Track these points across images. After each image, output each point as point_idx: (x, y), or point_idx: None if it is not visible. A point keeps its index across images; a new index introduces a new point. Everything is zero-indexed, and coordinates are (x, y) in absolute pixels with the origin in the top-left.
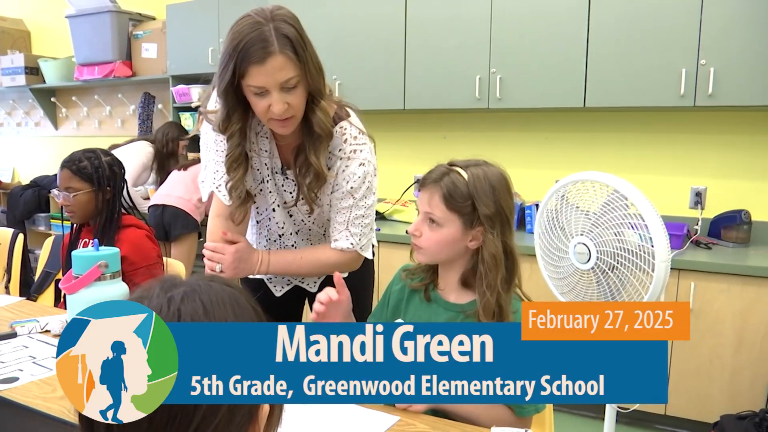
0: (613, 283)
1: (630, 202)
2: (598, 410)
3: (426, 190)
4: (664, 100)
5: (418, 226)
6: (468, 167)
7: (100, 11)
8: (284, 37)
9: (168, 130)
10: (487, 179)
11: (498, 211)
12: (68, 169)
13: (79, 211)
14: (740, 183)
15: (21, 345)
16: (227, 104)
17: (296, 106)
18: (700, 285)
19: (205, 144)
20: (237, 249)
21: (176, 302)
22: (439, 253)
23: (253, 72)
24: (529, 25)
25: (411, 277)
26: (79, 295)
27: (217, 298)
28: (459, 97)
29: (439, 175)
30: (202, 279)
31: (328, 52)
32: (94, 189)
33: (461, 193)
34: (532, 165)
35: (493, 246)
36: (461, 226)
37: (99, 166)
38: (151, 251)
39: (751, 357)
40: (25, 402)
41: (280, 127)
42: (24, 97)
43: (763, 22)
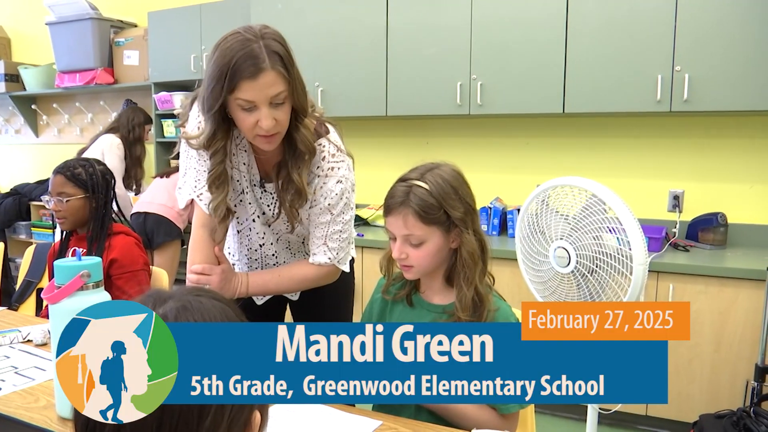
0: (593, 287)
1: (608, 206)
2: (580, 411)
3: (396, 214)
4: (641, 105)
5: (401, 249)
6: (424, 176)
7: (81, 18)
8: (275, 53)
9: (133, 115)
10: (447, 182)
11: (466, 209)
12: (62, 175)
13: (70, 217)
14: (717, 186)
15: (2, 355)
16: (213, 121)
17: (283, 122)
18: (679, 287)
19: (186, 151)
20: (223, 270)
21: (170, 321)
22: (430, 265)
23: (244, 87)
24: (508, 33)
25: (389, 290)
26: (62, 305)
27: (209, 315)
28: (440, 103)
29: (402, 195)
30: (191, 293)
31: (310, 59)
32: (87, 195)
33: (432, 206)
34: (513, 170)
35: (470, 244)
36: (441, 234)
37: (93, 174)
38: (138, 258)
39: (729, 357)
40: (7, 412)
41: (265, 143)
42: (4, 105)
43: (736, 29)
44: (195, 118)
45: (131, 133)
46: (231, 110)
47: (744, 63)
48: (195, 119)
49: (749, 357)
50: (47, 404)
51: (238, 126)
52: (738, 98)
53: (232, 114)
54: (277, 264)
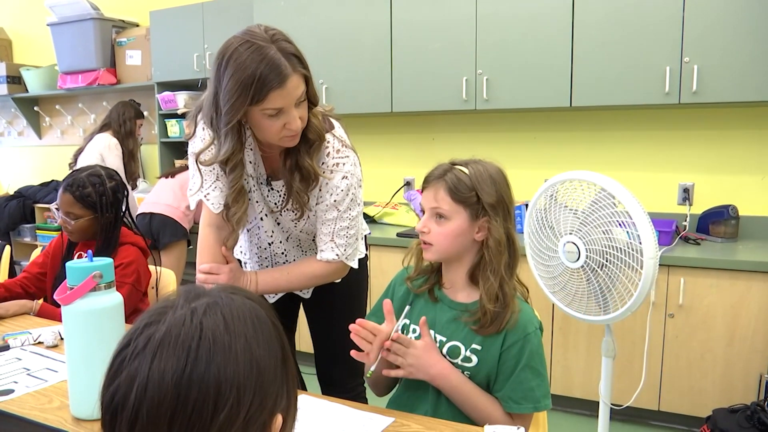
0: (603, 281)
1: (617, 200)
2: (592, 407)
3: (430, 187)
4: (650, 98)
5: (426, 223)
6: (468, 164)
7: (83, 19)
8: (292, 56)
9: (124, 110)
10: (487, 172)
11: (500, 200)
12: (71, 194)
13: (77, 233)
14: (727, 178)
15: (14, 357)
16: (233, 137)
17: (305, 117)
18: (690, 281)
19: (194, 156)
20: (231, 269)
21: (199, 315)
22: (450, 247)
23: (273, 97)
24: (514, 27)
25: (413, 283)
26: (74, 306)
27: (238, 312)
28: (446, 98)
29: (441, 172)
30: (224, 291)
31: (314, 56)
32: (96, 216)
33: (465, 186)
34: (521, 165)
35: (498, 232)
36: (468, 217)
37: (103, 193)
38: (132, 273)
39: (742, 351)
40: (22, 413)
41: (291, 141)
42: (6, 107)
43: (744, 18)
44: (201, 130)
45: (122, 127)
46: (252, 119)
47: (753, 53)
48: (200, 130)
49: (763, 350)
50: (61, 405)
51: (262, 132)
52: (747, 89)
53: (253, 123)
54: (287, 262)
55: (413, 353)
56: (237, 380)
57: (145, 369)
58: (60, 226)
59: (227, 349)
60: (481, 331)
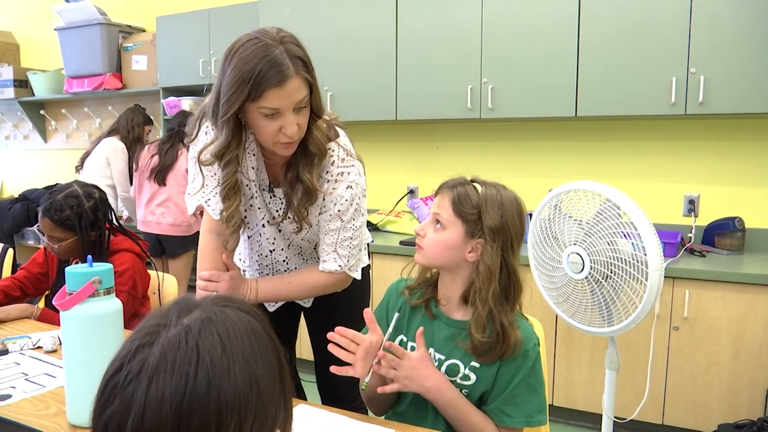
0: (607, 293)
1: (622, 211)
2: (594, 420)
3: (440, 194)
4: (655, 108)
5: (424, 226)
6: (485, 184)
7: (90, 23)
8: (297, 59)
9: (132, 116)
10: (499, 196)
11: (503, 227)
12: (49, 219)
13: (64, 254)
14: (733, 189)
15: (13, 362)
16: (228, 129)
17: (303, 126)
18: (695, 293)
19: (194, 157)
20: (231, 276)
21: (194, 335)
22: (439, 257)
23: (270, 95)
24: (519, 35)
25: (411, 293)
26: (73, 312)
27: (233, 330)
28: (451, 107)
29: (455, 183)
30: (216, 304)
31: (319, 64)
32: (78, 236)
33: (470, 202)
34: (525, 174)
35: (490, 259)
36: (463, 232)
37: (81, 214)
38: (127, 281)
39: (748, 364)
40: (18, 419)
41: (285, 149)
42: (13, 110)
43: (751, 30)
44: (204, 133)
45: (130, 132)
46: (249, 118)
47: (760, 64)
48: (203, 134)
49: None
50: (58, 411)
51: (258, 133)
52: (754, 100)
53: (250, 121)
54: (288, 270)
55: (407, 365)
56: (238, 404)
57: (141, 397)
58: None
59: (226, 371)
60: (477, 358)
